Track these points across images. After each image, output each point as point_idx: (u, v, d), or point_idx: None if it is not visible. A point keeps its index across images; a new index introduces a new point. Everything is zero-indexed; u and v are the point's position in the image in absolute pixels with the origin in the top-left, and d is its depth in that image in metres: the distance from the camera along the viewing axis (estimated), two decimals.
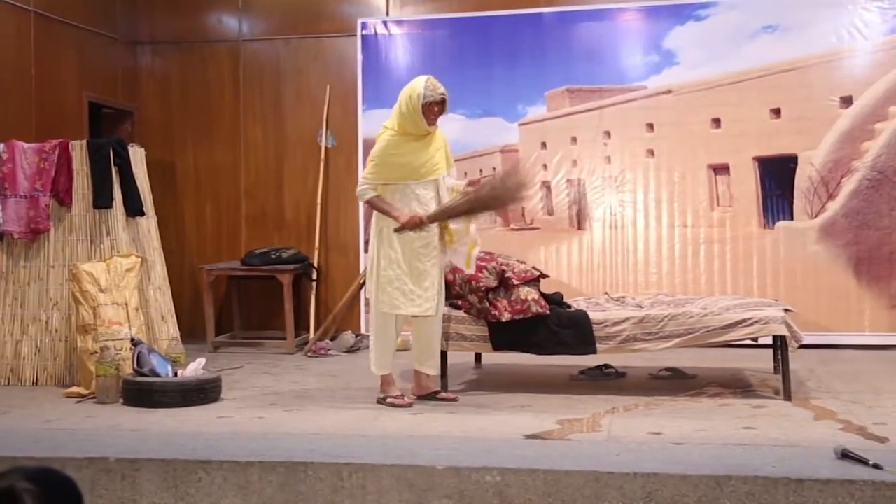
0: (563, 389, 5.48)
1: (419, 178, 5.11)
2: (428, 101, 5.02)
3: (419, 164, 5.11)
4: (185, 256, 8.10)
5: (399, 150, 5.11)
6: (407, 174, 5.10)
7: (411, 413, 4.87)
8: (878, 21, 6.98)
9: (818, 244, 7.00)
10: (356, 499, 3.74)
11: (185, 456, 3.93)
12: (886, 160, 6.90)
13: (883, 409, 4.78)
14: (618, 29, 7.44)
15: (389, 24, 7.70)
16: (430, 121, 5.09)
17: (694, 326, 5.16)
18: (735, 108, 7.15)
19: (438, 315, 5.20)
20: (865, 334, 6.91)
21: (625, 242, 7.35)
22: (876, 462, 3.52)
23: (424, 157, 5.12)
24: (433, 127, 5.14)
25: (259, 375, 6.22)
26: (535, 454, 3.88)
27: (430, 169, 5.13)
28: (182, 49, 8.22)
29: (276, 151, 8.07)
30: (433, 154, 5.14)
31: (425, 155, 5.12)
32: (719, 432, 4.30)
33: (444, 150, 5.23)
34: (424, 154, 5.12)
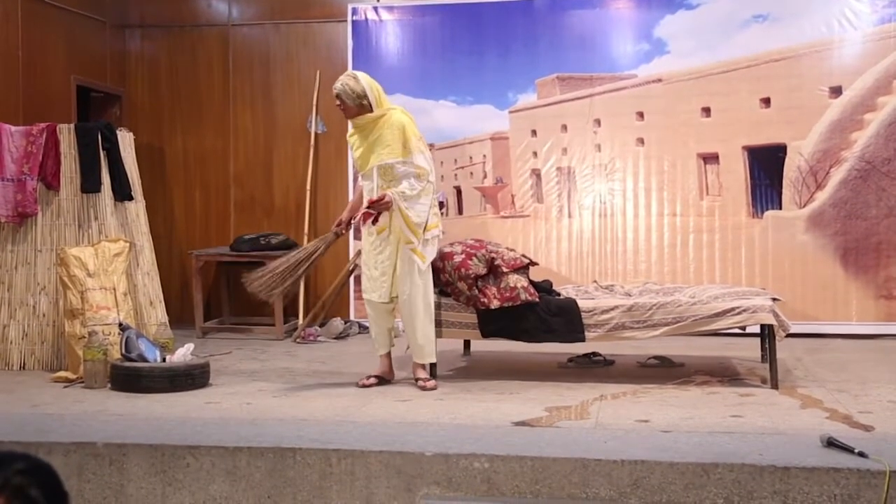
0: (552, 377, 5.49)
1: (360, 170, 5.36)
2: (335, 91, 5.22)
3: (358, 156, 5.31)
4: (174, 241, 8.08)
5: (350, 143, 5.43)
6: (357, 167, 5.42)
7: (400, 400, 4.88)
8: (867, 11, 6.99)
9: (806, 234, 7.03)
10: (344, 485, 3.75)
11: (173, 441, 3.93)
12: (875, 151, 6.92)
13: (869, 397, 4.81)
14: (609, 17, 7.43)
15: (380, 9, 7.67)
16: (346, 115, 5.29)
17: (682, 315, 5.18)
18: (725, 97, 7.16)
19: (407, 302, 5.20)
20: (852, 324, 6.95)
21: (614, 231, 7.36)
22: (861, 450, 3.55)
23: (362, 149, 5.27)
24: (362, 117, 5.22)
25: (248, 361, 6.22)
26: (523, 441, 3.90)
27: (364, 161, 5.26)
28: (171, 33, 8.17)
29: (265, 137, 8.04)
30: (371, 143, 5.21)
31: (363, 146, 5.26)
32: (706, 420, 4.32)
33: (395, 138, 5.16)
34: (363, 145, 5.26)
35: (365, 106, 5.20)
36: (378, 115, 5.21)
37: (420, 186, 5.18)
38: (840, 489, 3.43)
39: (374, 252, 5.27)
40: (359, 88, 5.17)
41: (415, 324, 5.23)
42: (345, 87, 5.17)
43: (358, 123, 5.25)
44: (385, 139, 5.18)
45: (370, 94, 5.19)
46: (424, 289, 5.23)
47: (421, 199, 5.19)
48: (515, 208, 7.55)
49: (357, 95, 5.17)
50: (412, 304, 5.21)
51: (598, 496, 3.58)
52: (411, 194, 5.14)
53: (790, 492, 3.46)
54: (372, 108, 5.21)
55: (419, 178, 5.18)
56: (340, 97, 5.19)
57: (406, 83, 7.57)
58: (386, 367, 5.40)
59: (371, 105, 5.20)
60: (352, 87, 5.17)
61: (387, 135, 5.18)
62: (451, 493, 3.68)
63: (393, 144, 5.17)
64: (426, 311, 5.25)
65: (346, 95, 5.17)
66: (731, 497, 3.50)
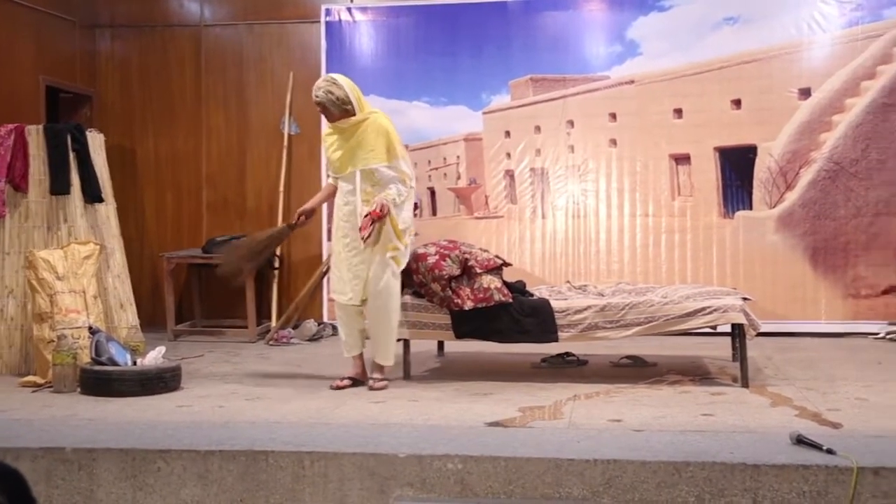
0: (525, 377, 5.50)
1: (337, 170, 5.29)
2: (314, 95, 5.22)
3: (337, 158, 5.26)
4: (145, 244, 8.02)
5: (328, 142, 5.35)
6: (332, 166, 5.35)
7: (373, 401, 4.87)
8: (836, 14, 7.07)
9: (776, 234, 7.09)
10: (318, 487, 3.74)
11: (144, 445, 3.90)
12: (843, 152, 7.00)
13: (837, 395, 4.86)
14: (581, 19, 7.46)
15: (354, 10, 7.66)
16: (329, 119, 5.27)
17: (654, 315, 5.21)
18: (696, 98, 7.21)
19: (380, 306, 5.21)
20: (821, 323, 7.02)
21: (587, 231, 7.39)
22: (830, 447, 3.59)
23: (342, 152, 5.23)
24: (345, 121, 5.20)
25: (220, 364, 6.18)
26: (496, 442, 3.90)
27: (344, 163, 5.23)
28: (142, 33, 8.11)
29: (238, 138, 8.00)
30: (353, 147, 5.20)
31: (343, 149, 5.23)
32: (678, 419, 4.34)
33: (379, 142, 5.17)
34: (343, 148, 5.23)
35: (348, 110, 5.19)
36: (361, 119, 5.21)
37: (406, 192, 5.22)
38: (809, 486, 3.47)
39: (348, 254, 5.25)
40: (342, 94, 5.16)
41: (383, 327, 5.25)
42: (328, 96, 5.14)
43: (340, 127, 5.22)
44: (368, 143, 5.17)
45: (353, 99, 5.20)
46: (396, 292, 5.26)
47: (406, 205, 5.24)
48: (489, 209, 7.56)
49: (341, 102, 5.17)
50: (385, 307, 5.22)
51: (571, 496, 3.60)
52: (400, 201, 5.18)
53: (760, 489, 3.49)
54: (355, 111, 5.20)
55: (404, 184, 5.22)
56: (324, 105, 5.19)
57: (380, 84, 7.57)
58: (359, 369, 5.38)
59: (354, 109, 5.20)
60: (336, 94, 5.15)
61: (370, 139, 5.18)
62: (424, 494, 3.68)
63: (377, 149, 5.17)
64: (396, 314, 5.27)
65: (331, 104, 5.17)
66: (703, 495, 3.53)
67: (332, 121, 5.24)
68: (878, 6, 7.02)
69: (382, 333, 5.27)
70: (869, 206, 6.98)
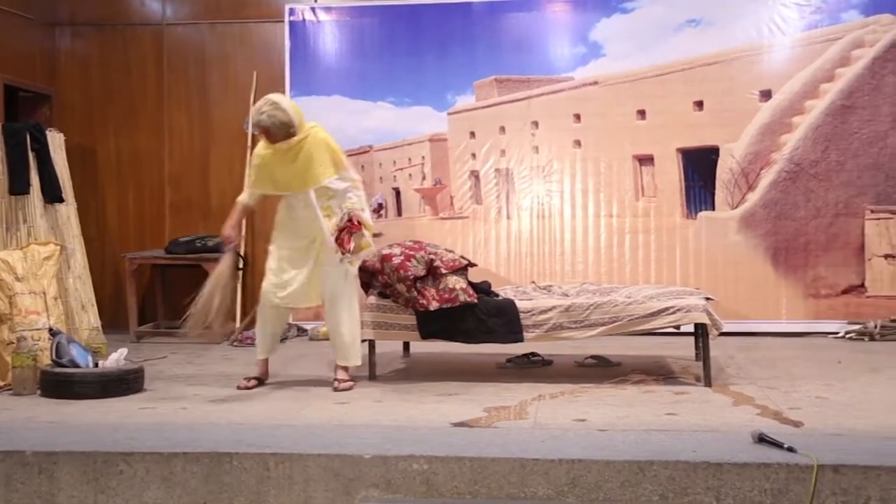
0: (491, 377, 5.51)
1: (284, 190, 5.25)
2: (255, 133, 5.23)
3: (282, 177, 5.21)
4: (107, 244, 7.93)
5: (265, 161, 5.22)
6: (275, 186, 5.27)
7: (338, 402, 4.86)
8: (795, 17, 7.17)
9: (738, 234, 7.18)
10: (282, 489, 3.72)
11: (106, 448, 3.85)
12: (803, 153, 7.10)
13: (798, 394, 4.93)
14: (545, 20, 7.49)
15: (318, 10, 7.63)
16: (270, 141, 5.15)
17: (618, 315, 5.24)
18: (659, 99, 7.28)
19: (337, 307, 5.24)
20: (782, 322, 7.11)
21: (552, 232, 7.42)
22: (790, 445, 3.64)
23: (288, 171, 5.18)
24: (286, 142, 5.13)
25: (183, 366, 6.13)
26: (462, 442, 3.90)
27: (291, 183, 5.19)
28: (103, 31, 8.01)
29: (201, 138, 7.93)
30: (299, 168, 5.15)
31: (289, 169, 5.18)
32: (642, 419, 4.38)
33: (324, 157, 5.15)
34: (288, 168, 5.18)
35: (292, 132, 5.12)
36: (303, 137, 5.14)
37: (363, 196, 5.29)
38: (770, 483, 3.51)
39: (299, 257, 5.25)
40: (286, 118, 5.08)
41: (342, 328, 5.25)
42: (274, 121, 5.05)
43: (282, 148, 5.14)
44: (316, 160, 5.14)
45: (295, 119, 5.13)
46: (353, 292, 5.29)
47: (365, 208, 5.29)
48: (454, 210, 7.57)
49: (286, 125, 5.10)
50: (342, 308, 5.24)
51: (536, 495, 3.61)
52: (361, 207, 5.21)
53: (723, 487, 3.53)
54: (297, 132, 5.14)
55: (357, 189, 5.25)
56: (268, 129, 5.09)
57: (344, 84, 7.56)
58: (265, 368, 5.45)
59: (297, 130, 5.13)
60: (280, 119, 5.07)
61: (317, 156, 5.14)
62: (389, 494, 3.67)
63: (325, 164, 5.16)
64: (353, 313, 5.28)
65: (275, 128, 5.08)
66: (666, 494, 3.56)
67: (275, 142, 5.13)
68: (836, 10, 7.13)
69: (346, 334, 5.27)
70: (828, 207, 7.09)
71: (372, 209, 7.63)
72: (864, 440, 3.88)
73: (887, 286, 7.05)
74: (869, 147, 7.05)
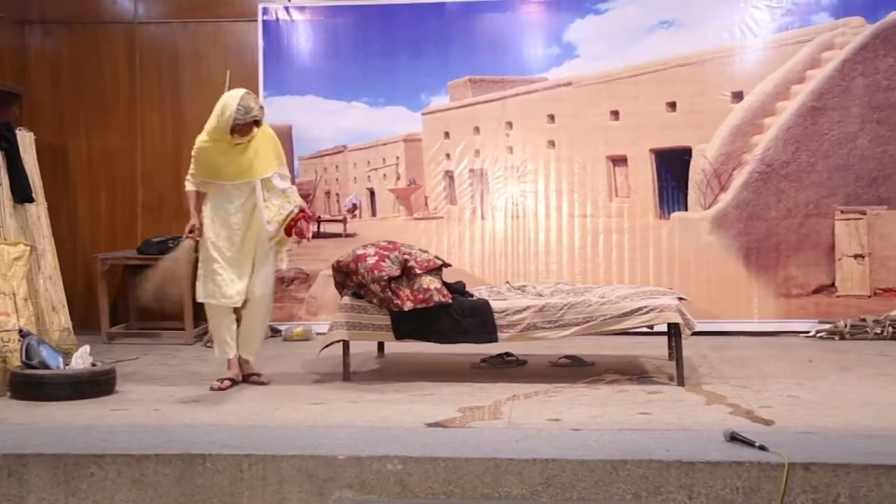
0: (465, 378, 5.52)
1: (230, 179, 5.27)
2: (238, 123, 5.16)
3: (230, 167, 5.25)
4: (78, 245, 7.85)
5: (210, 153, 5.27)
6: (219, 175, 5.27)
7: (312, 403, 4.84)
8: (767, 19, 7.23)
9: (711, 235, 7.23)
10: (256, 490, 3.70)
11: (77, 450, 3.82)
12: (774, 154, 7.17)
13: (769, 392, 4.97)
14: (519, 21, 7.51)
15: (291, 9, 7.60)
16: (242, 134, 5.22)
17: (592, 315, 5.26)
18: (633, 100, 7.31)
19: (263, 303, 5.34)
20: (754, 322, 7.17)
21: (526, 232, 7.44)
22: (762, 444, 3.67)
23: (237, 161, 5.24)
24: (245, 137, 5.24)
25: (156, 367, 6.08)
26: (436, 442, 3.91)
27: (239, 173, 5.25)
28: (74, 30, 7.94)
29: (174, 138, 7.87)
30: (249, 158, 5.24)
31: (239, 159, 5.25)
32: (615, 418, 4.40)
33: (269, 151, 5.30)
34: (238, 158, 5.25)
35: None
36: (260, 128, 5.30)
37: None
38: (742, 482, 3.54)
39: (239, 254, 5.28)
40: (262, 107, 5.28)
41: (263, 325, 5.45)
42: (262, 111, 5.22)
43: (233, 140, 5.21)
44: (263, 152, 5.28)
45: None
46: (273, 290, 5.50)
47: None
48: (429, 210, 7.57)
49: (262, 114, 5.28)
50: (267, 304, 5.41)
51: (510, 495, 3.62)
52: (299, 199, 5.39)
53: (695, 486, 3.55)
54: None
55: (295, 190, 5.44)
56: (258, 125, 5.22)
57: (318, 84, 7.54)
58: (238, 368, 5.43)
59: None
60: (263, 108, 5.25)
61: (266, 147, 5.30)
62: (363, 495, 3.66)
63: (270, 157, 5.30)
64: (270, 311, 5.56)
65: (259, 124, 5.24)
66: (639, 492, 3.58)
67: (245, 135, 5.21)
68: (806, 12, 7.21)
69: (263, 329, 5.49)
70: (799, 208, 7.16)
71: (347, 209, 7.64)
72: (835, 438, 3.92)
73: (857, 286, 7.13)
74: (839, 148, 7.13)
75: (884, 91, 7.09)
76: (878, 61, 7.09)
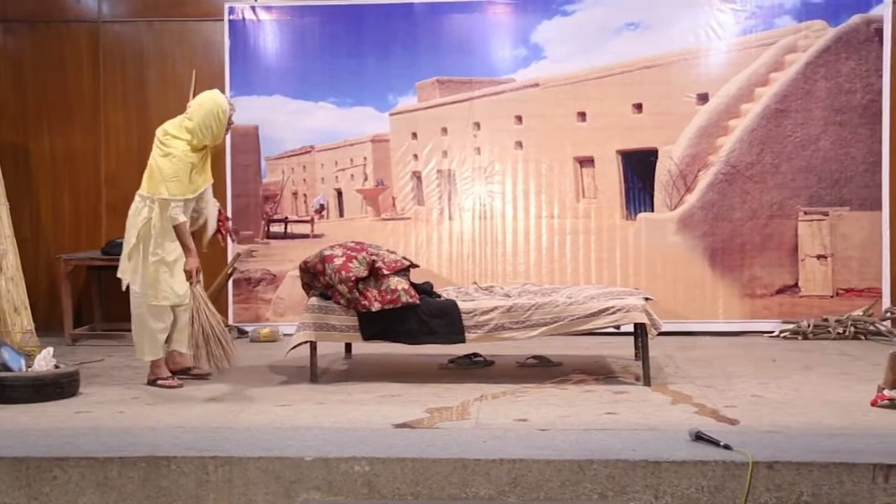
0: (433, 378, 5.52)
1: (197, 189, 5.33)
2: (230, 114, 5.31)
3: (200, 176, 5.34)
4: (41, 245, 7.75)
5: (193, 165, 5.27)
6: (195, 187, 5.30)
7: (279, 404, 4.82)
8: (731, 22, 7.30)
9: (677, 235, 7.29)
10: (222, 492, 3.68)
11: (39, 453, 3.77)
12: (739, 155, 7.24)
13: (734, 392, 5.02)
14: (487, 22, 7.52)
15: (258, 9, 7.55)
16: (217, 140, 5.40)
17: (559, 315, 5.28)
18: (599, 102, 7.36)
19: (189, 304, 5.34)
20: (719, 322, 7.24)
21: (493, 233, 7.45)
22: (727, 443, 3.71)
23: (204, 169, 5.38)
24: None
25: (121, 369, 6.02)
26: (403, 443, 3.90)
27: (204, 180, 5.39)
28: (36, 28, 7.83)
29: (139, 137, 7.78)
30: (208, 166, 5.42)
31: (205, 166, 5.38)
32: (583, 418, 4.42)
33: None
34: (205, 165, 5.37)
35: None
36: None
37: None
38: (707, 481, 3.57)
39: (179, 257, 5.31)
40: None
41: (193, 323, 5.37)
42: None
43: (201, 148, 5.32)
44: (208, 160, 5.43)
45: None
46: None
47: None
48: (396, 210, 7.56)
49: None
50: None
51: (477, 496, 3.62)
52: None
53: (661, 485, 3.58)
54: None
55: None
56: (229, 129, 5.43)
57: (285, 84, 7.50)
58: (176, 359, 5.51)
59: None
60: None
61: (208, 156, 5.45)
62: (331, 497, 3.65)
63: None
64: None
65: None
66: (606, 492, 3.60)
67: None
68: (770, 15, 7.29)
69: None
70: (763, 209, 7.24)
71: (314, 210, 7.61)
72: (798, 437, 3.97)
73: (819, 286, 7.22)
74: (802, 150, 7.22)
75: (845, 94, 7.19)
76: (840, 64, 7.19)
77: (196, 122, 5.23)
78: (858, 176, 7.19)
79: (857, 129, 7.19)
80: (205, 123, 5.22)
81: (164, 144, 5.26)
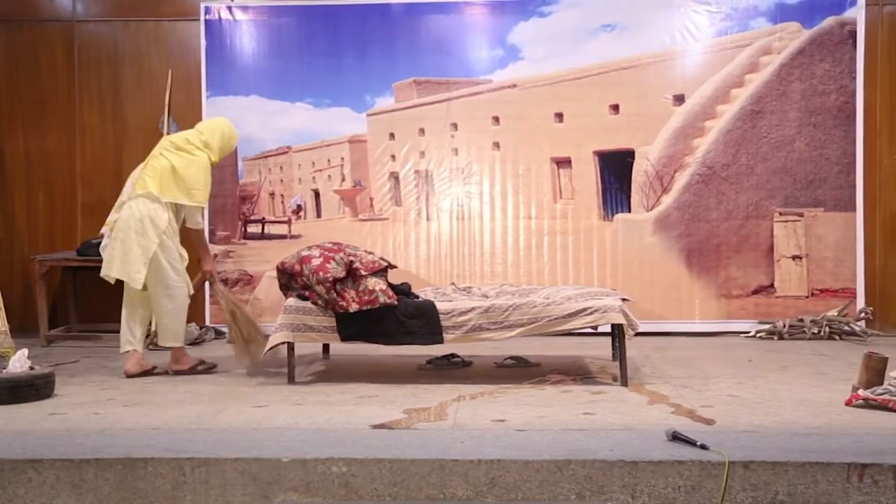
0: (411, 379, 5.52)
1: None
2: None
3: None
4: (15, 246, 7.69)
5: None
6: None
7: (256, 406, 4.80)
8: (706, 24, 7.35)
9: (653, 236, 7.33)
10: (198, 494, 3.66)
11: (14, 455, 3.74)
12: (715, 156, 7.29)
13: (710, 392, 5.06)
14: (464, 22, 7.53)
15: (234, 9, 7.52)
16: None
17: (537, 316, 5.30)
18: (576, 103, 7.38)
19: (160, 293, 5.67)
20: (696, 322, 7.28)
21: (471, 233, 7.46)
22: (703, 443, 3.73)
23: None
24: None
25: (97, 370, 5.97)
26: (381, 444, 3.90)
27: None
28: (9, 28, 7.76)
29: (114, 138, 7.74)
30: None
31: None
32: (560, 418, 4.43)
33: None
34: None
35: None
36: None
37: None
38: (684, 480, 3.59)
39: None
40: None
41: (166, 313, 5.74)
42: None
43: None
44: None
45: None
46: None
47: None
48: (374, 211, 7.55)
49: None
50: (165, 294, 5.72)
51: (455, 496, 3.63)
52: None
53: (638, 485, 3.60)
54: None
55: None
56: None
57: (262, 84, 7.48)
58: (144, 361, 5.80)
59: None
60: None
61: None
62: (308, 498, 3.65)
63: None
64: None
65: None
66: (583, 492, 3.61)
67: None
68: (745, 17, 7.34)
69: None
70: (739, 210, 7.29)
71: (291, 210, 7.59)
72: (773, 437, 4.00)
73: (795, 286, 7.29)
74: (777, 151, 7.28)
75: (820, 95, 7.26)
76: (815, 66, 7.25)
77: (217, 143, 5.76)
78: (833, 177, 7.26)
79: (832, 130, 7.26)
80: (223, 147, 5.82)
81: (187, 152, 5.69)
